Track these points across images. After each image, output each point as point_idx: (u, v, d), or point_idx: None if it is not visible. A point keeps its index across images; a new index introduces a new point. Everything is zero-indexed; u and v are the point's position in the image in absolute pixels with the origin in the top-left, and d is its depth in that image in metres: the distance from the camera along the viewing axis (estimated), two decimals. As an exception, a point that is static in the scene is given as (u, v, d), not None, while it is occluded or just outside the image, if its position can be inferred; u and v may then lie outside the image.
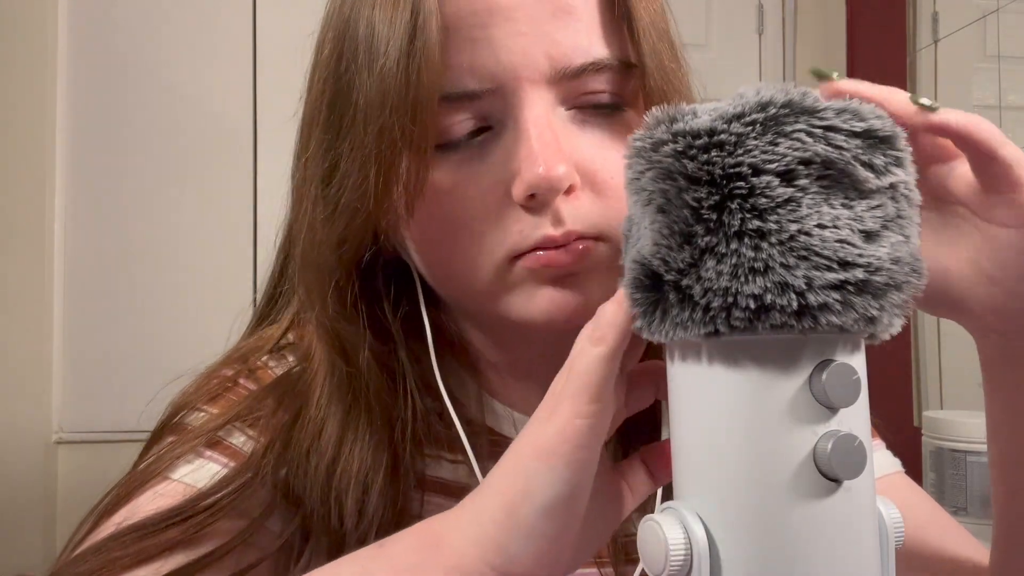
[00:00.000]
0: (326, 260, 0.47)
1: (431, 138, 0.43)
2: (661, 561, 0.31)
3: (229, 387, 0.51)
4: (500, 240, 0.44)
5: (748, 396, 0.31)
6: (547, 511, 0.35)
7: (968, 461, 1.33)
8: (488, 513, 0.36)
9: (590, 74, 0.44)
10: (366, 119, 0.43)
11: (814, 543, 0.30)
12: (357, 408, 0.49)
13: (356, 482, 0.47)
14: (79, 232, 1.93)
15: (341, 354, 0.49)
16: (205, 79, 1.99)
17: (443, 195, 0.45)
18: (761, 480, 0.30)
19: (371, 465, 0.48)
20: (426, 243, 0.47)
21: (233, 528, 0.46)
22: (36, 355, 1.88)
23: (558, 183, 0.42)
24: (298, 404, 0.50)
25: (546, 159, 0.42)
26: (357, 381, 0.49)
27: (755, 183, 0.29)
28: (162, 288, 1.92)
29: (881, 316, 0.30)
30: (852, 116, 0.30)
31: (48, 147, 1.91)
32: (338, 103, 0.46)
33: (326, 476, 0.47)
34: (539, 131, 0.43)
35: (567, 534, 0.36)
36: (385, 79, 0.42)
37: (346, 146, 0.45)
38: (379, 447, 0.48)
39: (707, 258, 0.30)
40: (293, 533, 0.48)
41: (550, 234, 0.43)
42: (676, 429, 0.34)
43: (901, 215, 0.31)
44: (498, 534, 0.35)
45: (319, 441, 0.48)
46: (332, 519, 0.47)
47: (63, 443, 1.89)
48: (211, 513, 0.45)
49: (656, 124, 0.32)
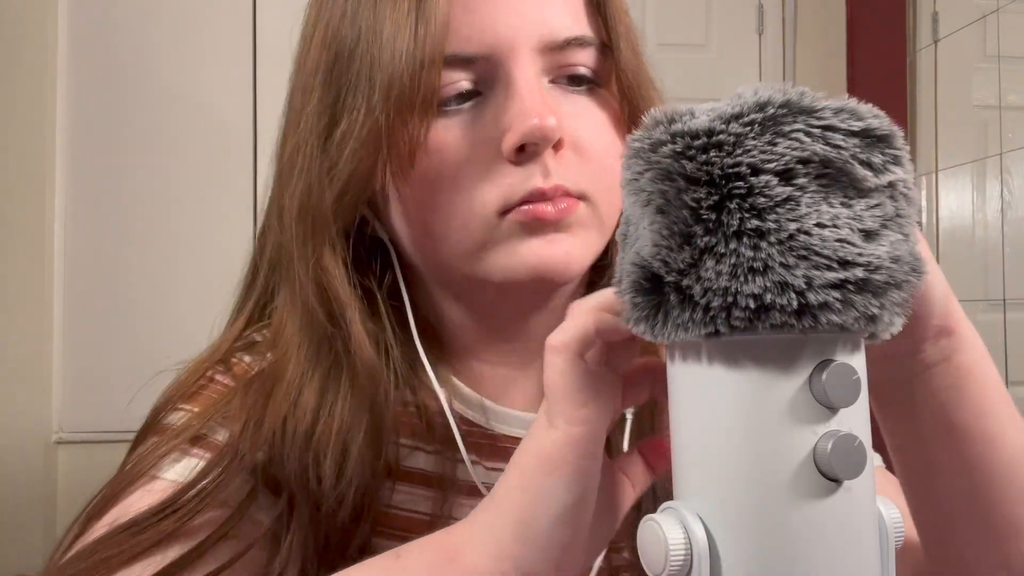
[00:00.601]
0: (325, 212, 0.49)
1: (436, 91, 0.47)
2: (661, 561, 0.31)
3: (205, 384, 0.52)
4: (490, 194, 0.47)
5: (748, 396, 0.31)
6: (560, 521, 0.36)
7: (968, 461, 1.33)
8: (502, 528, 0.37)
9: (573, 48, 0.49)
10: (372, 74, 0.47)
11: (814, 543, 0.30)
12: (338, 369, 0.49)
13: (336, 441, 0.48)
14: (79, 232, 1.94)
15: (327, 313, 0.49)
16: (205, 79, 1.99)
17: (434, 153, 0.48)
18: (761, 480, 0.30)
19: (351, 424, 0.48)
20: (415, 204, 0.49)
21: (219, 518, 0.46)
22: (36, 355, 1.88)
23: (551, 132, 0.46)
24: (271, 383, 0.50)
25: (539, 112, 0.46)
26: (339, 342, 0.50)
27: (754, 183, 0.29)
28: (162, 288, 1.92)
29: (881, 315, 0.30)
30: (850, 115, 0.30)
31: (48, 147, 1.92)
32: (339, 65, 0.49)
33: (304, 438, 0.48)
34: (529, 89, 0.47)
35: (579, 538, 0.37)
36: (396, 37, 0.46)
37: (351, 100, 0.48)
38: (360, 407, 0.49)
39: (706, 258, 0.30)
40: (278, 519, 0.48)
41: (539, 186, 0.47)
42: (676, 429, 0.34)
43: (900, 214, 0.31)
44: (514, 547, 0.37)
45: (296, 407, 0.49)
46: (311, 481, 0.47)
47: (63, 443, 1.90)
48: (198, 502, 0.46)
49: (654, 125, 0.32)
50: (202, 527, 0.46)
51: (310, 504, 0.48)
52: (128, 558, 0.44)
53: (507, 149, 0.46)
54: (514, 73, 0.47)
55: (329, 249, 0.49)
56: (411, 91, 0.46)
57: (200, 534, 0.45)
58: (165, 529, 0.44)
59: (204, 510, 0.46)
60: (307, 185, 0.50)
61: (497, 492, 0.38)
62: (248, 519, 0.47)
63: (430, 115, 0.47)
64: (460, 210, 0.48)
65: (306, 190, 0.50)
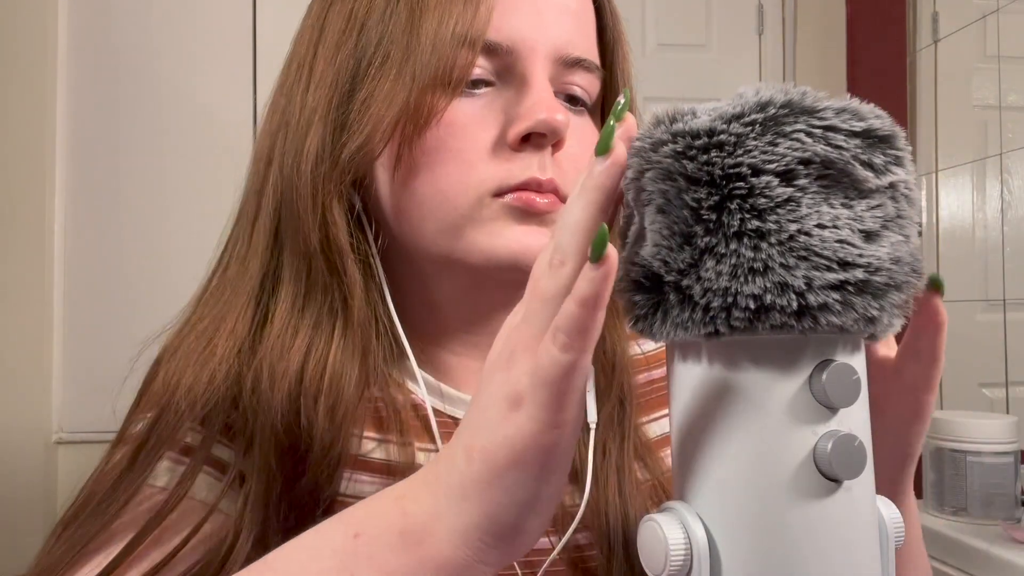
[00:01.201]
0: (341, 162, 0.50)
1: (469, 72, 0.50)
2: (661, 561, 0.31)
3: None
4: (488, 172, 0.49)
5: (748, 396, 0.31)
6: (530, 513, 0.35)
7: (968, 461, 1.33)
8: (471, 519, 0.35)
9: (580, 69, 0.53)
10: (409, 44, 0.49)
11: (814, 543, 0.30)
12: (332, 316, 0.51)
13: (328, 387, 0.48)
14: (79, 232, 1.93)
15: (327, 261, 0.50)
16: (205, 79, 1.99)
17: (445, 127, 0.50)
18: (761, 480, 0.30)
19: (343, 371, 0.49)
20: (412, 172, 0.50)
21: (166, 488, 0.48)
22: (36, 355, 1.88)
23: (561, 126, 0.49)
24: (213, 329, 0.52)
25: (550, 107, 0.49)
26: (335, 290, 0.51)
27: (754, 183, 0.29)
28: (162, 288, 1.92)
29: (881, 316, 0.30)
30: (851, 116, 0.30)
31: (48, 147, 1.91)
32: (369, 26, 0.51)
33: (295, 380, 0.49)
34: (544, 87, 0.50)
35: (546, 525, 0.37)
36: (443, 16, 0.49)
37: (378, 64, 0.50)
38: (353, 353, 0.50)
39: (707, 258, 0.30)
40: (234, 479, 0.49)
41: (536, 176, 0.49)
42: (677, 429, 0.34)
43: (901, 215, 0.31)
44: (484, 537, 0.35)
45: (288, 350, 0.49)
46: (300, 430, 0.48)
47: (63, 443, 1.89)
48: (147, 453, 0.48)
49: (656, 124, 0.32)
50: (147, 505, 0.48)
51: (277, 452, 0.48)
52: (88, 540, 0.46)
53: (513, 135, 0.49)
54: (531, 70, 0.50)
55: (337, 200, 0.50)
56: (448, 68, 0.49)
57: (146, 511, 0.47)
58: (120, 498, 0.47)
59: (160, 462, 0.48)
60: (322, 138, 0.51)
61: (465, 480, 0.35)
62: (203, 479, 0.49)
63: (457, 92, 0.49)
64: (455, 181, 0.49)
65: (321, 142, 0.51)
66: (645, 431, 0.59)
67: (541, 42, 0.51)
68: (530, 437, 0.33)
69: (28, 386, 1.87)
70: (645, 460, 0.57)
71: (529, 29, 0.51)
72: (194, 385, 0.49)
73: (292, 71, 0.55)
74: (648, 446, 0.58)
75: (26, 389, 1.87)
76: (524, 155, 0.49)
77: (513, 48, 0.50)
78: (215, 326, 0.52)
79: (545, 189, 0.49)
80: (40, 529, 1.80)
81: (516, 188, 0.49)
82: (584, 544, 0.55)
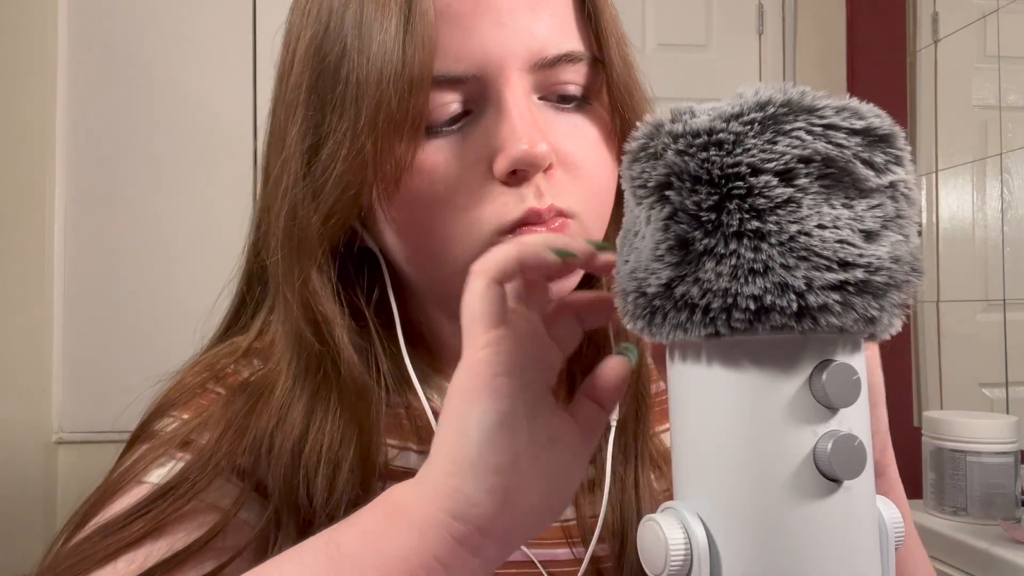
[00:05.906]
0: (311, 235, 0.48)
1: (424, 113, 0.46)
2: (661, 561, 0.31)
3: (199, 392, 0.52)
4: (483, 214, 0.47)
5: (748, 396, 0.31)
6: (486, 444, 0.36)
7: (968, 461, 1.33)
8: (436, 465, 0.37)
9: (563, 65, 0.48)
10: (358, 95, 0.45)
11: (814, 543, 0.30)
12: (327, 386, 0.49)
13: (326, 459, 0.48)
14: (79, 232, 1.93)
15: (315, 332, 0.49)
16: (205, 79, 1.99)
17: (425, 174, 0.47)
18: (761, 480, 0.30)
19: (341, 441, 0.48)
20: (407, 224, 0.49)
21: (201, 519, 0.46)
22: (36, 355, 1.88)
23: (541, 159, 0.45)
24: (259, 393, 0.50)
25: (529, 136, 0.45)
26: (328, 360, 0.50)
27: (753, 183, 0.29)
28: (162, 288, 1.92)
29: (881, 316, 0.30)
30: (851, 114, 0.30)
31: (48, 147, 1.91)
32: (323, 83, 0.47)
33: (292, 456, 0.48)
34: (520, 111, 0.46)
35: (516, 466, 0.36)
36: (383, 57, 0.45)
37: (335, 122, 0.47)
38: (350, 424, 0.49)
39: (706, 259, 0.30)
40: (268, 523, 0.48)
41: (535, 207, 0.46)
42: (676, 429, 0.34)
43: (901, 214, 0.31)
44: (448, 480, 0.36)
45: (285, 421, 0.49)
46: (300, 498, 0.47)
47: (63, 443, 1.90)
48: (171, 502, 0.45)
49: (655, 124, 0.32)
50: (180, 528, 0.45)
51: (297, 517, 0.48)
52: (101, 558, 0.44)
53: (499, 172, 0.46)
54: (504, 94, 0.46)
55: (316, 271, 0.49)
56: (399, 115, 0.45)
57: (177, 533, 0.45)
58: (137, 530, 0.44)
59: (183, 511, 0.46)
60: (292, 208, 0.49)
61: (434, 438, 0.38)
62: (235, 522, 0.47)
63: (418, 138, 0.46)
64: (453, 229, 0.47)
65: (291, 213, 0.49)
66: (661, 440, 0.59)
67: (510, 56, 0.46)
68: (471, 363, 0.37)
69: (28, 386, 1.87)
70: (662, 469, 0.57)
71: (493, 46, 0.46)
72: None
73: (268, 124, 0.54)
74: (664, 455, 0.58)
75: (26, 389, 1.87)
76: (517, 187, 0.46)
77: (480, 73, 0.46)
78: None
79: (547, 217, 0.46)
80: (40, 529, 1.80)
81: (519, 223, 0.46)
82: (602, 556, 0.54)
